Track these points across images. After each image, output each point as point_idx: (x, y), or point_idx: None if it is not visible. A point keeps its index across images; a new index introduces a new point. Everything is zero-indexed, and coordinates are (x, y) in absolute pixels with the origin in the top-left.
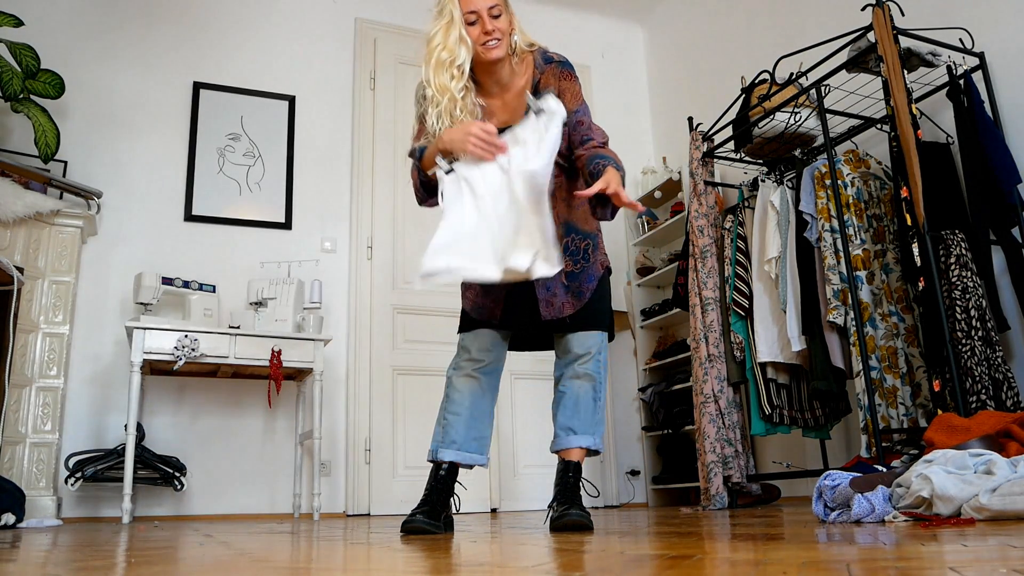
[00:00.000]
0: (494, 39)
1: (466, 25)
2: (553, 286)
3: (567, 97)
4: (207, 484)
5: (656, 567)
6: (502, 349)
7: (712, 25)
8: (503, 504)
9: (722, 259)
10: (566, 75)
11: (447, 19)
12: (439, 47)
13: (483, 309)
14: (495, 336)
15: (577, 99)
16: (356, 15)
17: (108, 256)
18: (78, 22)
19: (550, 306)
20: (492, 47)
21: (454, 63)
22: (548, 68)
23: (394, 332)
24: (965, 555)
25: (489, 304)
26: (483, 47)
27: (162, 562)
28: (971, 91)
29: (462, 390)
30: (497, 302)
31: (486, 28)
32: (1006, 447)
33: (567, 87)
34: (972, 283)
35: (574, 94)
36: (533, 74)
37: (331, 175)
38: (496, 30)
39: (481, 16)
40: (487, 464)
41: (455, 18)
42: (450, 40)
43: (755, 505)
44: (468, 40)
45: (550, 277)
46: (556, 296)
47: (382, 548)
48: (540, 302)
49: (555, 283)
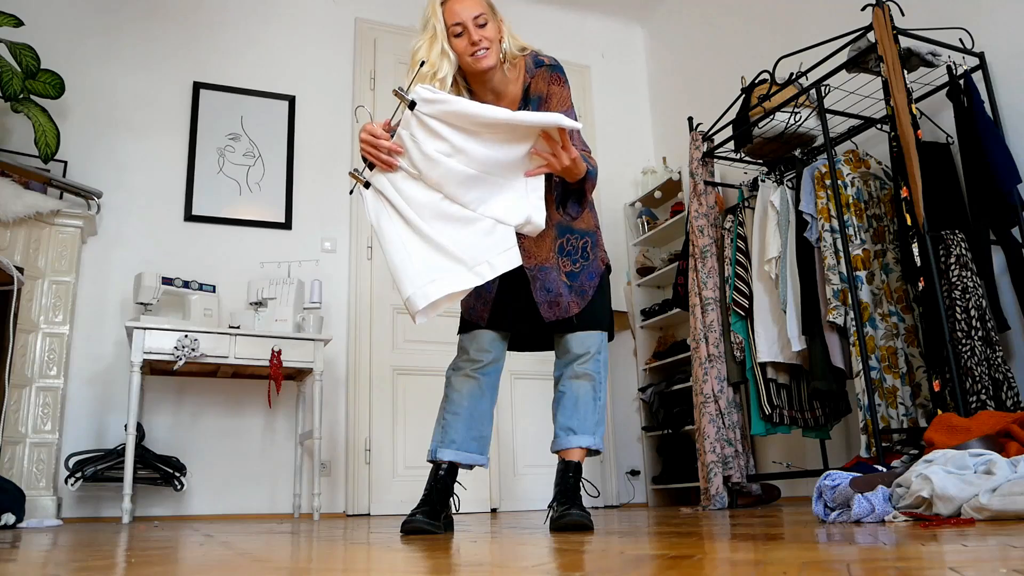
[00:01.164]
0: (482, 48)
1: (452, 38)
2: (555, 288)
3: (553, 102)
4: (207, 484)
5: (656, 567)
6: (501, 349)
7: (712, 25)
8: (503, 504)
9: (722, 259)
10: (556, 79)
11: (430, 33)
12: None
13: (473, 311)
14: (493, 336)
15: (564, 104)
16: (356, 15)
17: (108, 256)
18: (78, 22)
19: (556, 307)
20: (481, 57)
21: (435, 76)
22: (538, 72)
23: (394, 332)
24: (965, 555)
25: (479, 306)
26: (472, 58)
27: (162, 562)
28: (971, 91)
29: (461, 390)
30: (485, 304)
31: (472, 39)
32: (1006, 447)
33: (555, 91)
34: (972, 283)
35: (561, 99)
36: (524, 79)
37: (331, 175)
38: (483, 39)
39: (467, 27)
40: (487, 464)
41: (438, 32)
42: (432, 54)
43: (755, 505)
44: (451, 54)
45: (550, 279)
46: (562, 296)
47: (382, 548)
48: (540, 305)
49: (557, 284)
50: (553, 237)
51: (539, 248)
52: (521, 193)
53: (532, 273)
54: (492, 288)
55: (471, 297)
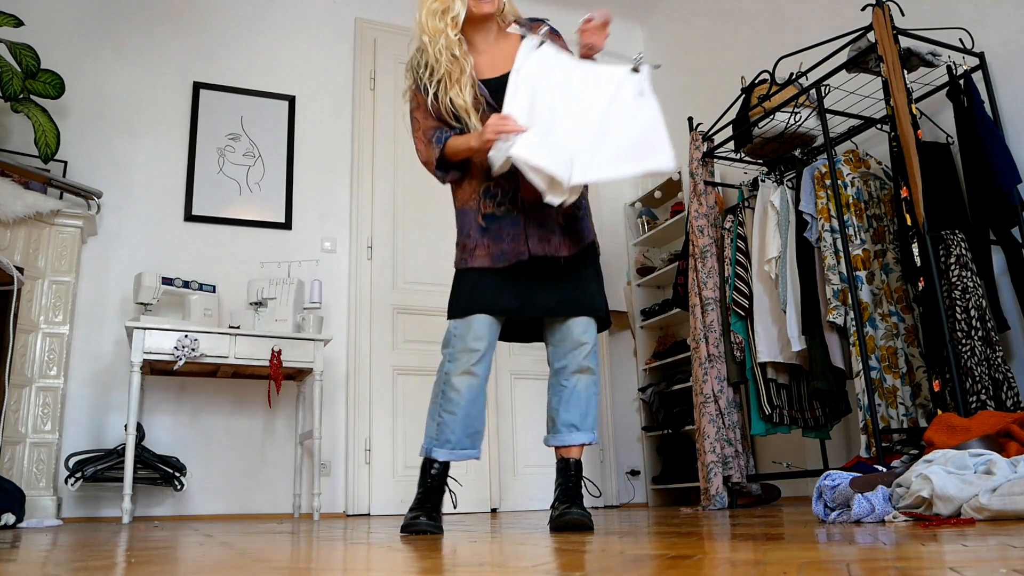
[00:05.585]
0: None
1: None
2: (550, 224)
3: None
4: (207, 484)
5: (656, 567)
6: (495, 336)
7: (712, 25)
8: (503, 504)
9: (722, 259)
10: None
11: None
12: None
13: (506, 253)
14: (489, 322)
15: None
16: (356, 15)
17: (108, 256)
18: (78, 22)
19: (546, 243)
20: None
21: (447, 13)
22: (533, 26)
23: (394, 332)
24: (965, 555)
25: (510, 246)
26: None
27: (162, 562)
28: (971, 91)
29: (460, 389)
30: (517, 239)
31: None
32: (1006, 447)
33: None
34: (972, 283)
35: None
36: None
37: (331, 175)
38: None
39: None
40: (479, 457)
41: None
42: None
43: (755, 505)
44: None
45: (548, 217)
46: (554, 234)
47: (382, 548)
48: (531, 238)
49: (552, 223)
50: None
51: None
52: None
53: (528, 208)
54: (521, 226)
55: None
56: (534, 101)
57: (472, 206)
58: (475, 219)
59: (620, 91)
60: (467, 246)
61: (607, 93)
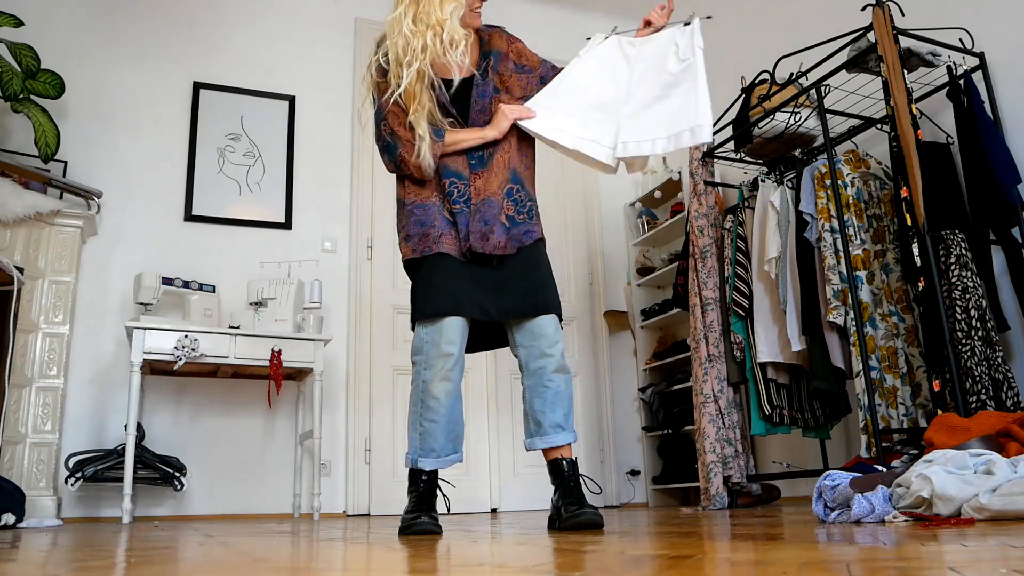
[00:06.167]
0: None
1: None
2: (492, 222)
3: (528, 55)
4: (207, 484)
5: (656, 567)
6: (465, 337)
7: (712, 25)
8: (503, 504)
9: (722, 259)
10: (514, 39)
11: None
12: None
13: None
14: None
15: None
16: (356, 15)
17: (108, 256)
18: (78, 22)
19: (485, 240)
20: (478, 15)
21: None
22: (493, 31)
23: (394, 332)
24: (965, 555)
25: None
26: (472, 12)
27: (162, 562)
28: (971, 91)
29: (439, 396)
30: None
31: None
32: (1006, 447)
33: (522, 48)
34: (972, 283)
35: (530, 53)
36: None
37: (331, 175)
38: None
39: None
40: (463, 459)
41: None
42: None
43: (755, 505)
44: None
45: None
46: (494, 233)
47: (382, 548)
48: (473, 234)
49: (494, 220)
50: (506, 179)
51: (489, 185)
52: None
53: (475, 207)
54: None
55: (432, 227)
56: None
57: (435, 201)
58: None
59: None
60: (430, 235)
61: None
